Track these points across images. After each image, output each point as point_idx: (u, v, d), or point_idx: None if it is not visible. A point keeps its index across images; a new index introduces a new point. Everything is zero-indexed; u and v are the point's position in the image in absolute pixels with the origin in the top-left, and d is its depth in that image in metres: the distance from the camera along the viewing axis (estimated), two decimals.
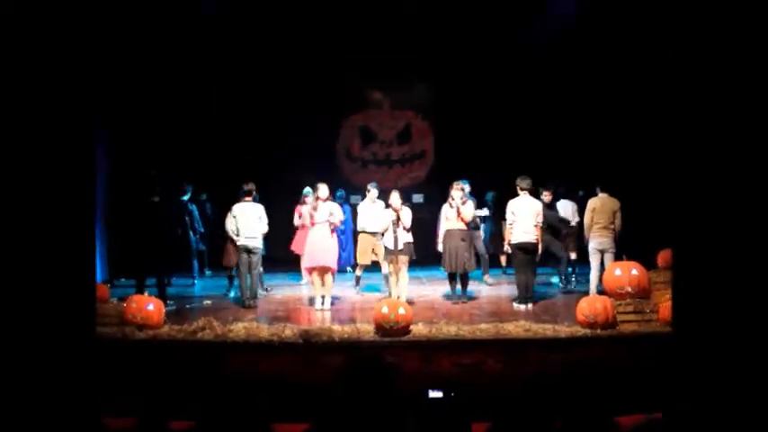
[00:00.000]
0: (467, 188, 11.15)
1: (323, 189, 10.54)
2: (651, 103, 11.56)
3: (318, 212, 10.43)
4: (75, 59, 4.23)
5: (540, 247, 10.35)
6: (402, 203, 10.50)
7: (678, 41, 4.46)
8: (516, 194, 10.42)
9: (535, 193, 10.61)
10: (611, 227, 10.44)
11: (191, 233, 12.70)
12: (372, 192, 11.80)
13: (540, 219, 10.34)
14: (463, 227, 10.46)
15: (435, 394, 3.48)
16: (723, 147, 4.14)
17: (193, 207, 12.91)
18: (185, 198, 12.83)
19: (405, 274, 10.44)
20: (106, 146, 12.13)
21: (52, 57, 4.15)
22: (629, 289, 9.01)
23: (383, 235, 10.69)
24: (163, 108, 13.76)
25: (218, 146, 15.00)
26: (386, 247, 10.53)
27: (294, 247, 12.12)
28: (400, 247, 10.33)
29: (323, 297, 10.43)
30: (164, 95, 13.60)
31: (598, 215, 10.49)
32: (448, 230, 10.52)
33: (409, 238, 10.44)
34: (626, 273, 9.14)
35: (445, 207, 10.61)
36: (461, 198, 10.48)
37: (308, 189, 11.31)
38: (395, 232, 10.36)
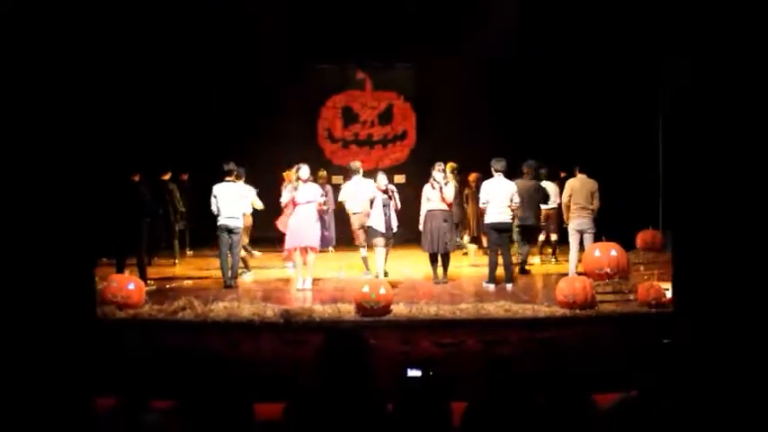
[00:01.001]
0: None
1: (304, 170, 10.51)
2: (633, 86, 11.66)
3: (300, 194, 10.40)
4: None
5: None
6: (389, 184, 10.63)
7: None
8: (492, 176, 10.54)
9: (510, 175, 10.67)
10: (590, 207, 10.50)
11: (172, 213, 12.67)
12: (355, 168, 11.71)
13: (517, 200, 10.45)
14: (445, 207, 10.51)
15: (414, 373, 3.50)
16: (723, 129, 4.18)
17: (175, 187, 12.87)
18: (167, 178, 12.79)
19: (382, 254, 10.59)
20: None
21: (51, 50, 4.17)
22: (608, 269, 9.06)
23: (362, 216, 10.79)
24: (143, 87, 13.65)
25: (199, 127, 14.94)
26: (373, 229, 10.54)
27: (279, 224, 12.06)
28: (393, 229, 10.53)
29: (304, 278, 10.44)
30: (145, 71, 13.50)
31: (576, 196, 10.55)
32: (430, 211, 10.55)
33: (395, 220, 10.55)
34: (605, 253, 9.20)
35: (427, 188, 10.64)
36: (444, 179, 10.53)
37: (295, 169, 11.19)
38: (386, 214, 10.41)
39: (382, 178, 10.64)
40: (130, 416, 3.80)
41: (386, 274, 10.39)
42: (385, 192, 10.51)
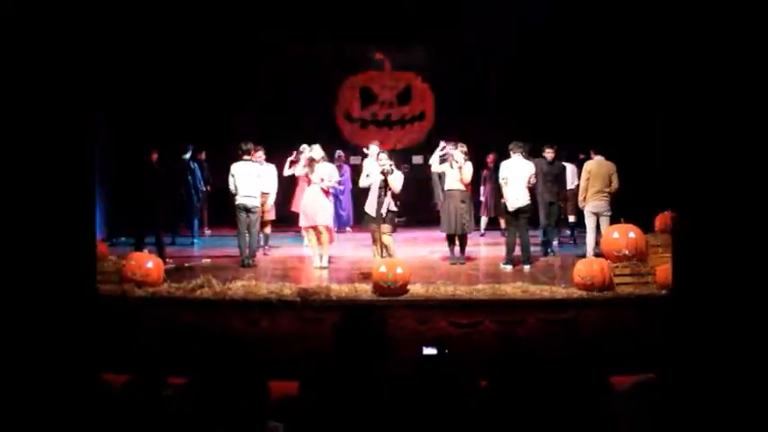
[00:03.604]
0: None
1: (317, 150, 10.48)
2: (649, 66, 11.50)
3: (314, 173, 10.40)
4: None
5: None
6: (394, 166, 10.14)
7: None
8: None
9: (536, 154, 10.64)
10: (607, 190, 10.45)
11: (192, 192, 12.71)
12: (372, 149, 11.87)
13: (534, 180, 10.44)
14: (463, 188, 10.44)
15: (429, 351, 3.51)
16: (725, 109, 4.12)
17: (195, 166, 12.91)
18: (186, 157, 12.81)
19: (389, 242, 10.04)
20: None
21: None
22: (627, 251, 9.01)
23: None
24: (162, 67, 13.65)
25: (218, 106, 14.93)
26: (366, 214, 10.18)
27: (295, 207, 12.09)
28: (383, 214, 9.92)
29: (321, 255, 10.45)
30: (163, 53, 13.50)
31: (594, 178, 10.49)
32: (448, 191, 10.50)
33: (393, 206, 9.99)
34: (623, 235, 9.15)
35: (445, 166, 10.58)
36: (465, 159, 10.43)
37: (304, 146, 11.17)
38: (380, 197, 9.98)
39: (384, 157, 10.22)
40: (146, 392, 3.82)
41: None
42: (383, 173, 9.97)
